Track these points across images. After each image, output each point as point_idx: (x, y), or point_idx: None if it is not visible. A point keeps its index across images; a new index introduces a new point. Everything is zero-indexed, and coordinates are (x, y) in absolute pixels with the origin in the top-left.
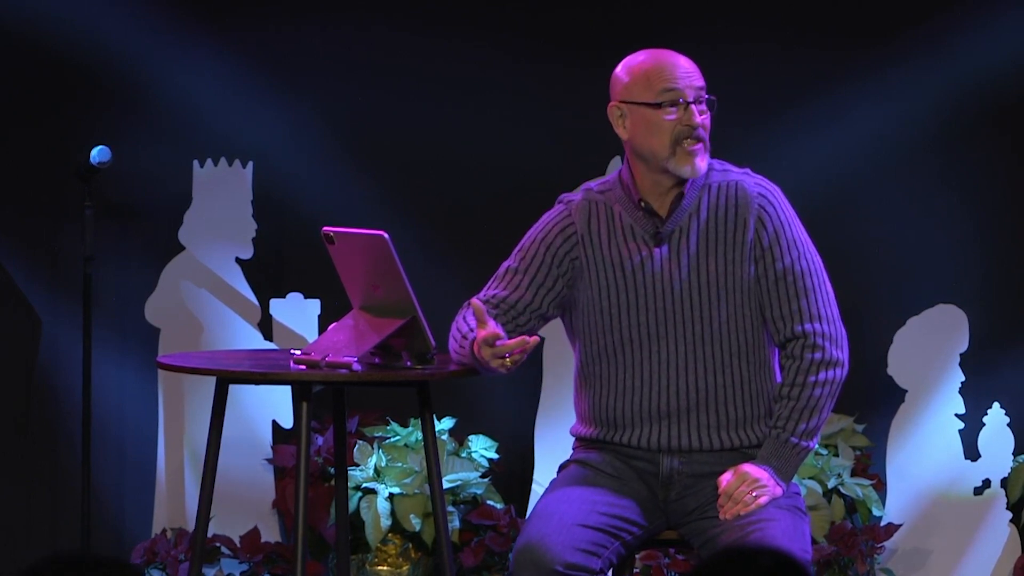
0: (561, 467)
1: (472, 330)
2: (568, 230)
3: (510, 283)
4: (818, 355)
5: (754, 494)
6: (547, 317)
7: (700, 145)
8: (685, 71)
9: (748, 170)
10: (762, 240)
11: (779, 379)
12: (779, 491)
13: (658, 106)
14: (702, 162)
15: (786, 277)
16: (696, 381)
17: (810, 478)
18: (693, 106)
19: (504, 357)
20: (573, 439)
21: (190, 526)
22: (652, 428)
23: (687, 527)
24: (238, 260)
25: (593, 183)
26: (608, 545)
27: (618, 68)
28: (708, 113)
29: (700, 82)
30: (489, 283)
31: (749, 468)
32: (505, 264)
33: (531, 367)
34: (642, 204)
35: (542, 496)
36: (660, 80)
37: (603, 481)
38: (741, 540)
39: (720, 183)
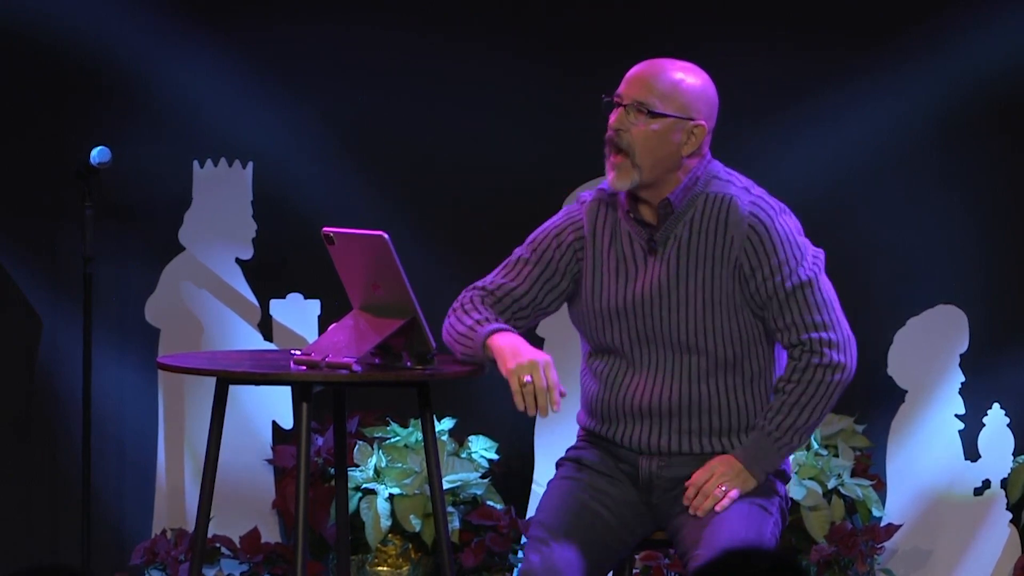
0: (558, 464)
1: (483, 321)
2: (579, 231)
3: (519, 274)
4: (816, 359)
5: (723, 488)
6: (548, 312)
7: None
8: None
9: (751, 184)
10: (750, 260)
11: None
12: (750, 484)
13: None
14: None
15: (777, 294)
16: (680, 387)
17: (810, 478)
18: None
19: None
20: (577, 428)
21: (190, 526)
22: (634, 426)
23: (668, 528)
24: (238, 260)
25: (606, 183)
26: (611, 559)
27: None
28: (623, 116)
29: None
30: (499, 268)
31: (720, 461)
32: (517, 252)
33: None
34: (630, 215)
35: (541, 502)
36: None
37: (598, 483)
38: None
39: (715, 194)
